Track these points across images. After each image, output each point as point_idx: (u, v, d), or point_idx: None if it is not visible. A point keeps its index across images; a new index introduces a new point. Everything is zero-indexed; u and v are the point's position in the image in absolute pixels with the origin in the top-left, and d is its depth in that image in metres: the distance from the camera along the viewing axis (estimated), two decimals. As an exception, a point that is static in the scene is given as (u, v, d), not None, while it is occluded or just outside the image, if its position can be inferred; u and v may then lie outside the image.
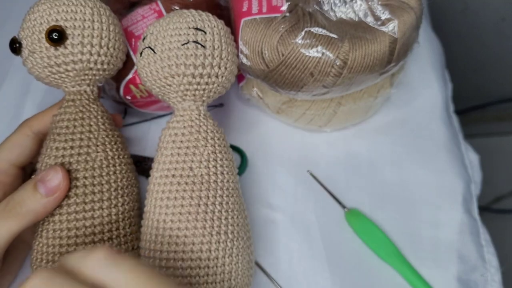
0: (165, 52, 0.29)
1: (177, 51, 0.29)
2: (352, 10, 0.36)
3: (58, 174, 0.28)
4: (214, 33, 0.30)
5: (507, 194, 0.94)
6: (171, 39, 0.29)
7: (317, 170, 0.42)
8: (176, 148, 0.30)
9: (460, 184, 0.41)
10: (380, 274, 0.37)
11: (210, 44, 0.30)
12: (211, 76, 0.30)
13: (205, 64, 0.29)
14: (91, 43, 0.31)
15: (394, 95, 0.44)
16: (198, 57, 0.29)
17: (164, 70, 0.29)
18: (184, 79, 0.29)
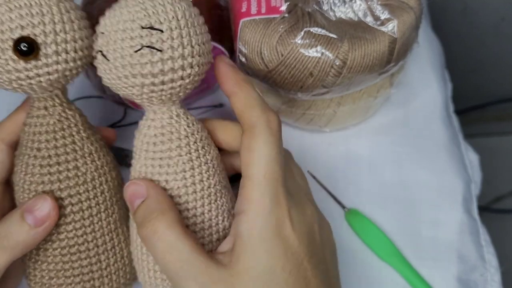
0: (117, 60, 0.24)
1: (130, 59, 0.24)
2: (351, 10, 0.36)
3: (47, 203, 0.26)
4: (173, 29, 0.24)
5: (507, 194, 0.94)
6: (122, 44, 0.24)
7: (317, 170, 0.42)
8: (149, 159, 0.27)
9: (460, 184, 0.41)
10: (380, 274, 0.37)
11: (168, 46, 0.24)
12: (176, 80, 0.25)
13: (165, 70, 0.24)
14: (66, 49, 0.26)
15: (394, 95, 0.44)
16: (155, 64, 0.24)
17: (121, 81, 0.25)
18: (144, 89, 0.25)
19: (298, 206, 0.26)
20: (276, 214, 0.24)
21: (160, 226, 0.24)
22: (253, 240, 0.24)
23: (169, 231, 0.24)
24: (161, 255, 0.24)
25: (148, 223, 0.24)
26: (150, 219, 0.24)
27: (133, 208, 0.26)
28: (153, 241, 0.24)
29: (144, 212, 0.25)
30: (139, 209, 0.25)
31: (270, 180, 0.25)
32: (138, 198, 0.26)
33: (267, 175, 0.25)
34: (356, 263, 0.37)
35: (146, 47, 0.24)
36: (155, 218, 0.24)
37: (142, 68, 0.24)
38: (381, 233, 0.38)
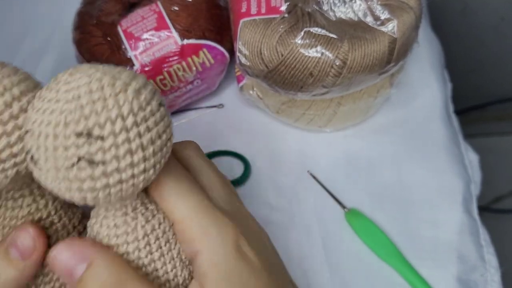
0: (50, 171, 0.19)
1: (66, 172, 0.19)
2: (351, 10, 0.36)
3: (29, 232, 0.23)
4: (118, 132, 0.19)
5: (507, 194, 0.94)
6: (55, 154, 0.19)
7: (317, 170, 0.42)
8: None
9: (460, 184, 0.41)
10: (380, 274, 0.37)
11: (111, 156, 0.19)
12: (126, 190, 0.20)
13: (111, 184, 0.19)
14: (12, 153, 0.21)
15: (394, 95, 0.44)
16: (98, 179, 0.19)
17: (60, 191, 0.20)
18: (87, 200, 0.20)
19: (241, 220, 0.24)
20: (228, 237, 0.23)
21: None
22: (221, 272, 0.22)
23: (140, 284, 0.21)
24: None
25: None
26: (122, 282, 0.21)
27: (73, 276, 0.21)
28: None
29: (104, 279, 0.21)
30: (94, 277, 0.21)
31: (203, 208, 0.23)
32: (82, 261, 0.21)
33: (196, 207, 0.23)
34: (357, 263, 0.37)
35: (84, 160, 0.19)
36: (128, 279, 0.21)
37: (81, 183, 0.19)
38: (381, 233, 0.38)
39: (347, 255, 0.37)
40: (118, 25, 0.41)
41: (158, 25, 0.40)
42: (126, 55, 0.40)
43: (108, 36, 0.41)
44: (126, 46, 0.40)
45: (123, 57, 0.40)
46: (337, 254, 0.37)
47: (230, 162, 0.43)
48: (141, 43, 0.40)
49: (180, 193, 0.23)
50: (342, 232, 0.38)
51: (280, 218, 0.40)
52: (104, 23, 0.42)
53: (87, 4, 0.44)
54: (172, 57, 0.40)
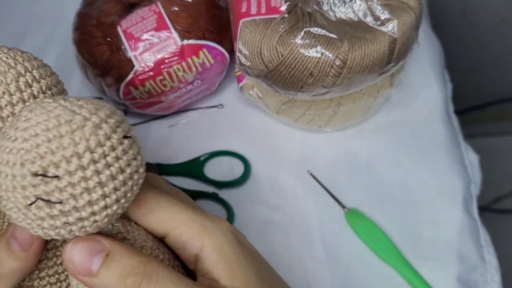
0: (12, 210, 0.19)
1: (26, 211, 0.19)
2: (351, 10, 0.36)
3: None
4: (73, 172, 0.18)
5: (507, 194, 0.93)
6: (14, 193, 0.19)
7: (317, 170, 0.42)
8: None
9: (460, 184, 0.41)
10: (380, 274, 0.37)
11: (68, 195, 0.18)
12: (87, 227, 0.20)
13: (71, 222, 0.19)
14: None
15: (394, 95, 0.44)
16: (56, 217, 0.19)
17: (25, 227, 0.20)
18: (52, 237, 0.20)
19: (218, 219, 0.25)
20: (226, 228, 0.24)
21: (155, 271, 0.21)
22: (233, 258, 0.23)
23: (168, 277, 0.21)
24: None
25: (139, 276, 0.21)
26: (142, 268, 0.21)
27: (90, 271, 0.21)
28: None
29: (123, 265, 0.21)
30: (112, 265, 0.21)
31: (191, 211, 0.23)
32: (97, 253, 0.21)
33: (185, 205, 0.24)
34: (357, 263, 0.37)
35: (41, 200, 0.18)
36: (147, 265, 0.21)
37: (41, 222, 0.19)
38: (381, 233, 0.38)
39: (347, 255, 0.37)
40: (118, 25, 0.41)
41: (158, 25, 0.40)
42: (126, 56, 0.40)
43: (108, 36, 0.41)
44: (126, 47, 0.40)
45: (123, 57, 0.40)
46: (337, 254, 0.37)
47: (230, 162, 0.43)
48: (141, 43, 0.40)
49: (165, 205, 0.23)
50: (342, 232, 0.38)
51: (280, 218, 0.40)
52: (104, 24, 0.42)
53: (87, 4, 0.44)
54: (172, 58, 0.40)
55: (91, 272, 0.20)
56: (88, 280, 0.21)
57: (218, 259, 0.22)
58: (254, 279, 0.23)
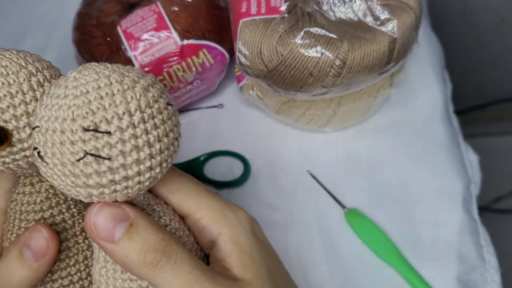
0: (57, 167, 0.19)
1: (72, 167, 0.19)
2: (351, 10, 0.36)
3: (43, 233, 0.24)
4: (125, 128, 0.19)
5: (507, 194, 0.93)
6: (62, 149, 0.19)
7: (317, 170, 0.42)
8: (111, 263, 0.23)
9: (459, 184, 0.41)
10: (380, 274, 0.37)
11: (117, 152, 0.19)
12: (132, 187, 0.20)
13: (117, 180, 0.20)
14: None
15: (394, 95, 0.44)
16: (103, 174, 0.19)
17: (65, 187, 0.20)
18: (93, 197, 0.20)
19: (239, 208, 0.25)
20: (244, 219, 0.24)
21: (175, 252, 0.21)
22: (247, 249, 0.23)
23: (185, 258, 0.21)
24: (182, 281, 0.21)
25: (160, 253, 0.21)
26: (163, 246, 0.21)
27: (112, 237, 0.20)
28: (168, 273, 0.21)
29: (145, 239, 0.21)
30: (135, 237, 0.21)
31: (213, 197, 0.24)
32: (122, 221, 0.21)
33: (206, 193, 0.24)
34: (356, 263, 0.37)
35: (90, 155, 0.19)
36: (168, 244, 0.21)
37: (87, 179, 0.19)
38: (381, 233, 0.38)
39: (347, 255, 0.37)
40: (118, 25, 0.41)
41: (158, 25, 0.40)
42: (126, 56, 0.40)
43: (108, 36, 0.41)
44: (126, 47, 0.40)
45: (123, 57, 0.40)
46: (337, 254, 0.38)
47: (230, 162, 0.43)
48: (141, 43, 0.40)
49: (190, 186, 0.23)
50: (342, 232, 0.38)
51: (280, 218, 0.40)
52: (104, 24, 0.42)
53: (87, 5, 0.44)
54: (172, 58, 0.40)
55: (112, 239, 0.20)
56: (107, 246, 0.20)
57: (233, 249, 0.23)
58: (264, 273, 0.23)
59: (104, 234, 0.20)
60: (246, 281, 0.22)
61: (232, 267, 0.23)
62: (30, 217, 0.25)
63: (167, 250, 0.21)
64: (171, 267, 0.20)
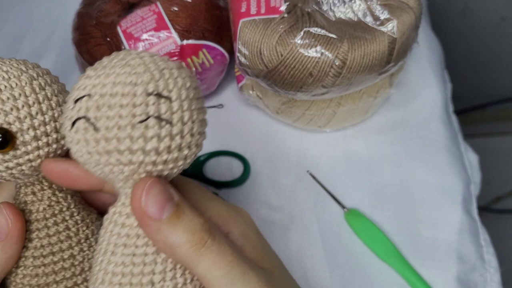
0: (113, 131, 0.19)
1: (132, 131, 0.19)
2: (351, 10, 0.36)
3: (2, 213, 0.23)
4: (183, 98, 0.20)
5: (507, 194, 0.94)
6: (122, 112, 0.19)
7: (317, 170, 0.42)
8: (130, 255, 0.21)
9: (459, 184, 0.41)
10: (380, 274, 0.37)
11: (178, 118, 0.20)
12: (178, 160, 0.21)
13: (172, 148, 0.20)
14: (46, 132, 0.23)
15: (394, 95, 0.44)
16: (163, 139, 0.20)
17: (112, 156, 0.20)
18: (140, 168, 0.20)
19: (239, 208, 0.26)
20: (248, 218, 0.25)
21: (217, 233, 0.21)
22: (257, 244, 0.24)
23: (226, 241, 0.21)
24: (225, 262, 0.21)
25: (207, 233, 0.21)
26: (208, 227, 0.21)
27: (160, 215, 0.20)
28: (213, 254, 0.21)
29: (192, 220, 0.21)
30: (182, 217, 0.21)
31: (220, 201, 0.24)
32: (169, 201, 0.21)
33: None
34: (356, 263, 0.37)
35: (153, 118, 0.19)
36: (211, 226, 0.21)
37: (146, 142, 0.19)
38: (381, 233, 0.38)
39: (347, 255, 0.37)
40: (117, 25, 0.41)
41: (157, 25, 0.40)
42: (125, 55, 0.40)
43: (108, 36, 0.41)
44: (125, 47, 0.40)
45: (123, 57, 0.40)
46: (337, 254, 0.37)
47: (230, 162, 0.43)
48: (140, 43, 0.40)
49: (195, 190, 0.24)
50: (342, 232, 0.38)
51: (280, 218, 0.39)
52: (104, 24, 0.42)
53: (86, 5, 0.44)
54: (171, 58, 0.40)
55: (161, 216, 0.20)
56: (153, 225, 0.20)
57: (245, 244, 0.23)
58: (277, 263, 0.24)
59: (153, 211, 0.20)
60: (268, 270, 0.23)
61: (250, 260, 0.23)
62: (33, 227, 0.25)
63: (212, 231, 0.21)
64: (216, 248, 0.21)
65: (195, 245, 0.20)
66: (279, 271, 0.23)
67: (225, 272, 0.20)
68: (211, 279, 0.21)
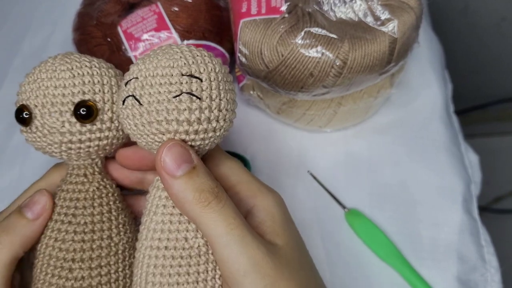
0: (153, 104, 0.23)
1: (168, 104, 0.23)
2: (352, 10, 0.36)
3: (44, 196, 0.27)
4: (212, 80, 0.24)
5: (507, 194, 0.94)
6: (160, 89, 0.23)
7: (317, 170, 0.42)
8: (168, 214, 0.25)
9: (460, 184, 0.41)
10: (380, 274, 0.37)
11: (207, 95, 0.24)
12: (208, 132, 0.24)
13: (201, 119, 0.24)
14: (118, 117, 0.27)
15: (394, 95, 0.44)
16: (193, 111, 0.23)
17: (153, 126, 0.24)
18: (176, 136, 0.24)
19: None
20: (278, 198, 0.26)
21: (224, 199, 0.24)
22: (278, 221, 0.25)
23: (232, 206, 0.24)
24: (225, 223, 0.23)
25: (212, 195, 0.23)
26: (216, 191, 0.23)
27: (175, 172, 0.23)
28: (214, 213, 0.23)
29: (203, 182, 0.23)
30: (195, 178, 0.23)
31: (251, 175, 0.27)
32: (186, 162, 0.24)
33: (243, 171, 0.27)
34: (356, 263, 0.37)
35: (186, 94, 0.23)
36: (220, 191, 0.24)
37: (179, 114, 0.23)
38: (381, 233, 0.38)
39: (347, 255, 0.37)
40: (118, 25, 0.41)
41: (158, 25, 0.40)
42: (126, 56, 0.40)
43: (108, 37, 0.41)
44: (126, 47, 0.40)
45: (123, 57, 0.40)
46: (337, 254, 0.38)
47: (230, 162, 0.43)
48: (141, 43, 0.40)
49: (231, 163, 0.27)
50: (342, 232, 0.38)
51: (280, 218, 0.39)
52: (104, 24, 0.42)
53: (87, 5, 0.44)
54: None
55: (175, 173, 0.23)
56: (169, 180, 0.23)
57: (266, 218, 0.25)
58: (293, 243, 0.25)
59: (169, 168, 0.23)
60: (277, 246, 0.24)
61: (265, 233, 0.25)
62: (80, 204, 0.27)
63: (219, 195, 0.23)
64: (219, 209, 0.23)
65: (200, 203, 0.23)
66: (290, 250, 0.24)
67: (223, 233, 0.23)
68: (210, 237, 0.23)
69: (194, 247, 0.25)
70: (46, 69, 0.26)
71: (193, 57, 0.24)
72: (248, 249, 0.23)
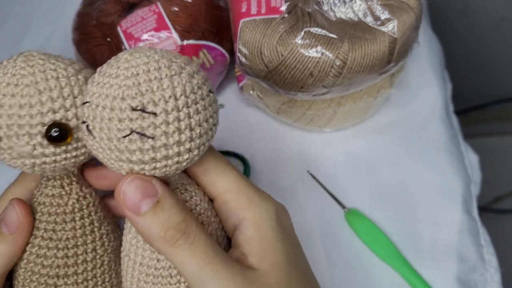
0: (103, 141, 0.21)
1: (118, 143, 0.20)
2: (351, 10, 0.36)
3: (14, 209, 0.25)
4: (169, 111, 0.20)
5: (507, 194, 0.94)
6: (110, 125, 0.20)
7: (317, 170, 0.42)
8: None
9: (459, 184, 0.41)
10: (380, 274, 0.37)
11: (161, 132, 0.20)
12: (169, 166, 0.22)
13: (157, 158, 0.21)
14: None
15: (394, 95, 0.44)
16: (146, 152, 0.21)
17: (109, 161, 0.22)
18: (133, 171, 0.22)
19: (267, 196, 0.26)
20: (271, 207, 0.24)
21: (193, 233, 0.22)
22: (268, 237, 0.23)
23: (203, 240, 0.22)
24: (195, 260, 0.22)
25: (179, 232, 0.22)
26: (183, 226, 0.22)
27: (137, 209, 0.22)
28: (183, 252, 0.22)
29: (167, 217, 0.22)
30: (159, 213, 0.22)
31: (243, 181, 0.25)
32: (149, 197, 0.22)
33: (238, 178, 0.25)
34: (356, 263, 0.37)
35: (136, 133, 0.20)
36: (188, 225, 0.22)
37: (130, 155, 0.21)
38: (381, 233, 0.38)
39: (347, 256, 0.37)
40: (118, 25, 0.41)
41: (158, 25, 0.40)
42: (126, 55, 0.40)
43: (108, 37, 0.41)
44: (126, 47, 0.40)
45: (123, 57, 0.40)
46: (337, 254, 0.38)
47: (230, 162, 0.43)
48: (141, 43, 0.40)
49: (222, 168, 0.25)
50: (342, 232, 0.38)
51: (280, 218, 0.39)
52: (104, 24, 0.42)
53: (86, 5, 0.44)
54: (172, 57, 0.40)
55: (138, 210, 0.22)
56: (133, 217, 0.22)
57: (254, 236, 0.23)
58: (282, 263, 0.23)
59: (131, 205, 0.22)
60: (261, 271, 0.23)
61: (249, 255, 0.23)
62: (59, 218, 0.25)
63: (187, 230, 0.22)
64: (188, 246, 0.22)
65: (167, 242, 0.22)
66: (276, 274, 0.23)
67: (195, 270, 0.21)
68: (183, 273, 0.22)
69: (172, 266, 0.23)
70: (7, 83, 0.22)
71: (148, 81, 0.20)
72: (221, 284, 0.21)
